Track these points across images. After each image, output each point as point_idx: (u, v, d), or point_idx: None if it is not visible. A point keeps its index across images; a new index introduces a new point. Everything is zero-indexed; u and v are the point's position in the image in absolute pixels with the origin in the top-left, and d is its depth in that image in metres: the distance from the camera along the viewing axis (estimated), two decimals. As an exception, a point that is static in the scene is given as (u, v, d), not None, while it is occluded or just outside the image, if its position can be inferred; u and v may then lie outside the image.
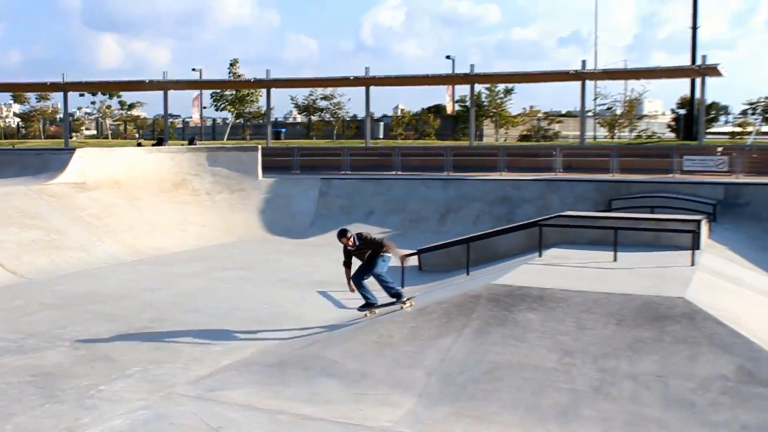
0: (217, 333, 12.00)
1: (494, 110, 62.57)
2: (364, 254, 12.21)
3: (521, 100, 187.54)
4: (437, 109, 67.26)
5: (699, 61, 37.82)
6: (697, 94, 41.49)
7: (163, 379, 9.56)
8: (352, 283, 12.27)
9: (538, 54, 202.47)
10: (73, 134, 67.25)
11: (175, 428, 7.94)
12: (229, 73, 64.40)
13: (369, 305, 12.03)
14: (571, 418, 7.97)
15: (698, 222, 14.87)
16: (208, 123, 72.86)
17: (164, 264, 19.22)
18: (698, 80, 38.02)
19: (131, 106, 76.15)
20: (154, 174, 26.50)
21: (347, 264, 12.33)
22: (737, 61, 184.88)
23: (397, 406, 8.43)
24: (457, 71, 46.88)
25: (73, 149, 26.38)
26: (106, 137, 72.30)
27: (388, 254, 12.13)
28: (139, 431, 7.88)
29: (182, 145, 37.17)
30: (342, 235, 12.20)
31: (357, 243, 12.10)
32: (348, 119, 67.34)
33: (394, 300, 11.80)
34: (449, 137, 60.39)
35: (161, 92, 44.08)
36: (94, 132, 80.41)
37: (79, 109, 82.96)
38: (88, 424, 8.04)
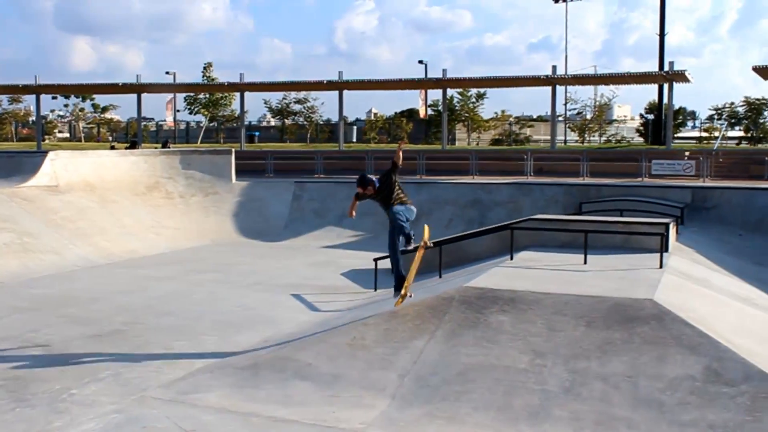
0: (190, 336, 11.91)
1: (466, 114, 62.96)
2: (383, 197, 11.18)
3: (493, 104, 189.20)
4: (410, 113, 67.46)
5: (666, 68, 38.21)
6: (665, 100, 41.89)
7: (135, 383, 9.47)
8: (392, 258, 11.38)
9: (509, 59, 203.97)
10: (46, 137, 66.67)
11: None
12: (203, 76, 64.26)
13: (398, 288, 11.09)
14: (542, 418, 8.00)
15: (666, 225, 15.01)
16: (182, 126, 72.52)
17: (137, 267, 19.07)
18: (666, 86, 38.41)
19: (104, 109, 75.56)
20: (127, 177, 26.31)
21: (358, 198, 11.39)
22: (703, 68, 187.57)
23: (370, 408, 8.41)
24: (429, 76, 47.14)
25: (46, 152, 26.10)
26: (80, 140, 71.75)
27: (413, 206, 11.28)
28: (112, 435, 7.82)
29: (156, 148, 36.94)
30: (362, 184, 11.12)
31: (377, 185, 11.09)
32: (322, 123, 67.39)
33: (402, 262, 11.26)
34: (422, 141, 60.65)
35: (135, 95, 43.81)
36: (67, 135, 79.77)
37: (52, 111, 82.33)
38: (60, 428, 7.95)
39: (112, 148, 39.71)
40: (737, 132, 61.20)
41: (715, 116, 61.18)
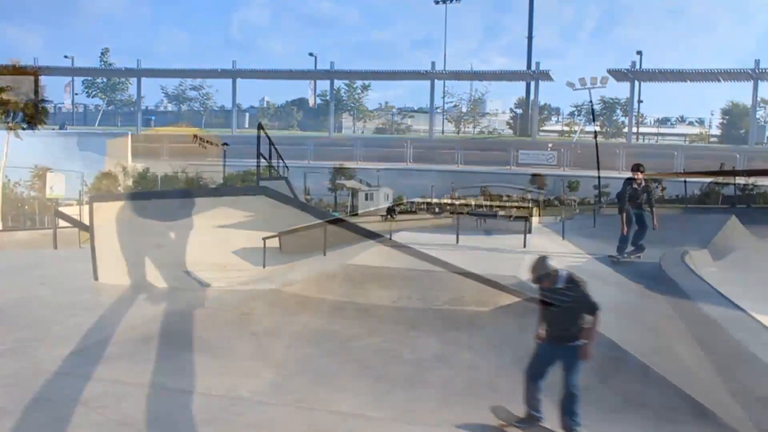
0: None
1: (353, 105, 62.76)
2: (557, 315, 6.67)
3: (377, 96, 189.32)
4: (300, 102, 66.78)
5: (533, 67, 39.14)
6: (532, 96, 43.02)
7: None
8: (526, 377, 6.82)
9: (393, 54, 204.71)
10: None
11: None
12: (101, 61, 61.78)
13: (531, 419, 6.80)
14: (415, 384, 8.08)
15: (530, 209, 15.40)
16: (80, 109, 69.54)
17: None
18: (533, 84, 39.38)
19: (1, 90, 71.72)
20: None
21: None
22: (566, 69, 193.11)
23: (257, 378, 8.29)
24: (319, 68, 46.77)
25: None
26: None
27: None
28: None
29: (53, 130, 35.34)
30: (542, 275, 6.65)
31: (559, 285, 6.62)
32: (216, 109, 65.94)
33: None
34: (311, 129, 60.20)
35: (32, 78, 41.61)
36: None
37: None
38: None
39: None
40: (594, 127, 63.14)
41: (575, 113, 63.02)
